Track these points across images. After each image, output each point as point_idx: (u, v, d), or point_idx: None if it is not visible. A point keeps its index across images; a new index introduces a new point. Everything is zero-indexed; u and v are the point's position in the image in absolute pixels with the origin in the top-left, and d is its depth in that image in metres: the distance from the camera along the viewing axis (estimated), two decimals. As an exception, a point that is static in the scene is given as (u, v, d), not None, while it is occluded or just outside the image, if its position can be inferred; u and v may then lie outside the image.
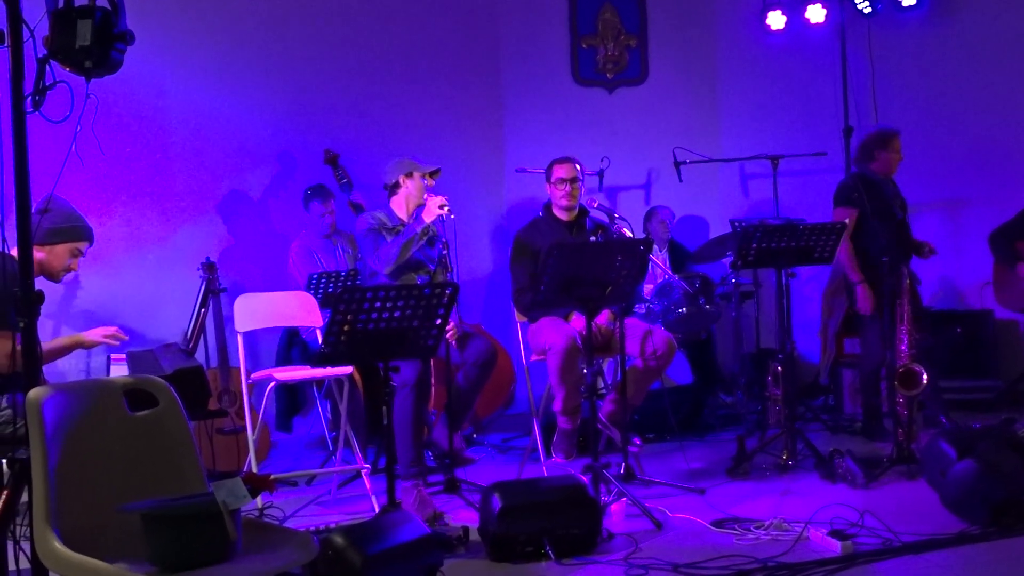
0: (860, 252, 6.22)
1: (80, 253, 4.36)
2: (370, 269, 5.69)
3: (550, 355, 5.52)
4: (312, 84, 7.24)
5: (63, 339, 4.60)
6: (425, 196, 5.57)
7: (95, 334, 4.53)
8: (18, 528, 3.15)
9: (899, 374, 5.43)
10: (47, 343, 3.99)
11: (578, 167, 5.95)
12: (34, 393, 2.83)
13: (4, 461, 3.00)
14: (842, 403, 7.12)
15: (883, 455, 5.48)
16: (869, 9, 7.69)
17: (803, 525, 4.41)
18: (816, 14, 7.73)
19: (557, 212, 5.97)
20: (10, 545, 3.14)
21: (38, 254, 4.00)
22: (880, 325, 5.89)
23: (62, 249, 4.27)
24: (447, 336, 5.26)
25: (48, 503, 2.75)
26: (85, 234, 4.37)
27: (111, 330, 4.55)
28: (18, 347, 4.08)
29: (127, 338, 4.61)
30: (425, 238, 5.61)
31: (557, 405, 5.65)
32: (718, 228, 7.94)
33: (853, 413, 6.95)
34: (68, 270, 4.37)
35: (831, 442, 6.14)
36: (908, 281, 5.65)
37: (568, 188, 5.90)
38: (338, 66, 7.35)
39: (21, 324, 2.92)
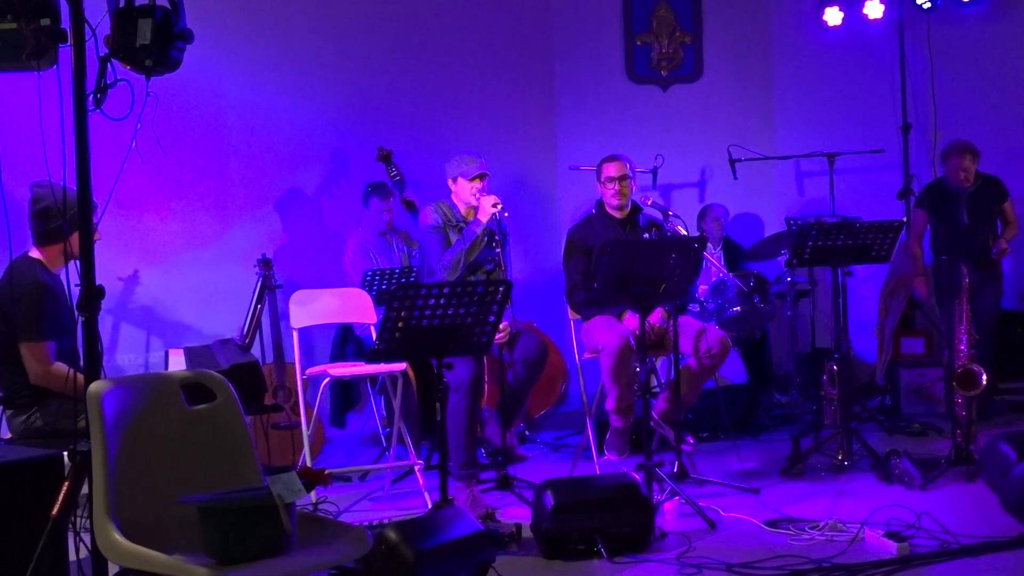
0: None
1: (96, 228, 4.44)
2: (430, 267, 5.67)
3: (603, 355, 5.50)
4: (365, 82, 7.28)
5: None
6: (478, 196, 5.55)
7: None
8: (78, 519, 3.20)
9: (958, 375, 5.35)
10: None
11: (628, 165, 5.92)
12: (95, 386, 2.88)
13: (66, 453, 3.05)
14: (899, 403, 7.03)
15: (940, 456, 5.40)
16: (928, 4, 7.58)
17: (859, 526, 4.37)
18: (874, 10, 7.64)
19: (609, 210, 5.96)
20: (71, 536, 3.18)
21: (62, 246, 4.16)
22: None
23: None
24: (498, 337, 5.27)
25: (108, 495, 2.79)
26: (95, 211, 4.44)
27: None
28: (50, 364, 4.19)
29: None
30: (485, 239, 5.56)
31: (610, 404, 5.64)
32: (773, 226, 7.88)
33: (910, 413, 6.87)
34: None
35: (887, 443, 6.07)
36: (967, 280, 5.56)
37: (617, 186, 5.87)
38: (391, 64, 7.38)
39: (83, 318, 2.97)
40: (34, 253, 4.34)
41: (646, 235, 5.83)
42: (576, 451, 5.95)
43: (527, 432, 6.78)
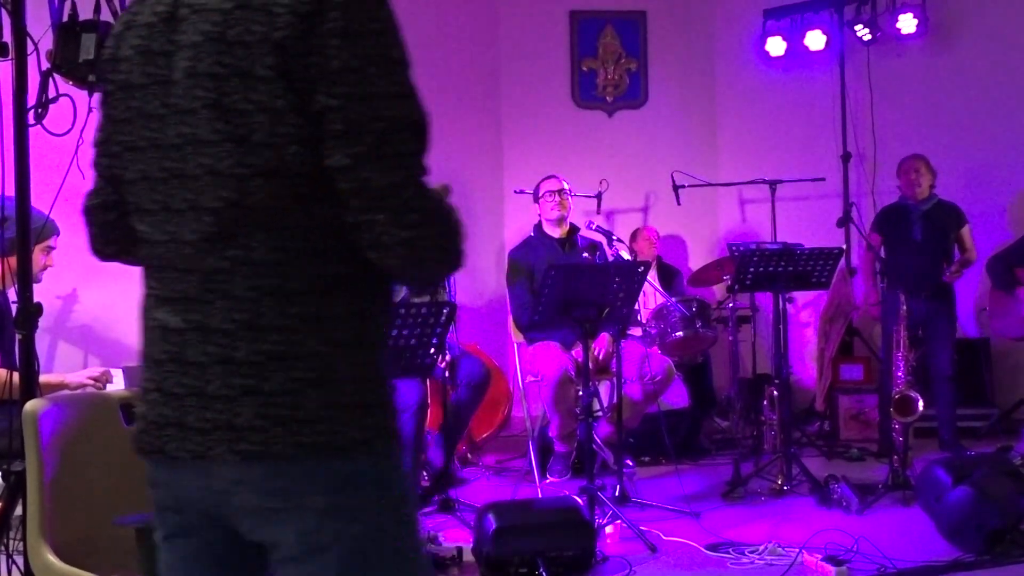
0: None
1: (51, 248, 4.35)
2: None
3: (543, 385, 5.57)
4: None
5: (48, 377, 4.44)
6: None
7: (80, 376, 4.41)
8: (12, 541, 3.14)
9: (895, 401, 5.43)
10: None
11: (565, 183, 6.06)
12: (31, 405, 2.83)
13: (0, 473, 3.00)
14: (838, 429, 7.11)
15: (878, 481, 5.47)
16: (868, 36, 7.71)
17: (798, 550, 4.41)
18: (815, 41, 7.75)
19: (548, 229, 6.03)
20: (3, 558, 3.12)
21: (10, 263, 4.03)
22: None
23: (34, 252, 4.24)
24: (440, 364, 5.28)
25: (43, 516, 2.74)
26: (50, 230, 4.31)
27: (97, 372, 4.40)
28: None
29: (112, 380, 4.48)
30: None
31: (553, 430, 5.66)
32: (716, 252, 7.96)
33: (848, 439, 6.95)
34: (44, 268, 4.37)
35: (826, 467, 6.13)
36: (904, 308, 5.65)
37: (557, 198, 5.99)
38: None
39: (20, 336, 2.93)
40: None
41: (586, 254, 5.88)
42: (518, 474, 5.95)
43: (469, 455, 6.76)
